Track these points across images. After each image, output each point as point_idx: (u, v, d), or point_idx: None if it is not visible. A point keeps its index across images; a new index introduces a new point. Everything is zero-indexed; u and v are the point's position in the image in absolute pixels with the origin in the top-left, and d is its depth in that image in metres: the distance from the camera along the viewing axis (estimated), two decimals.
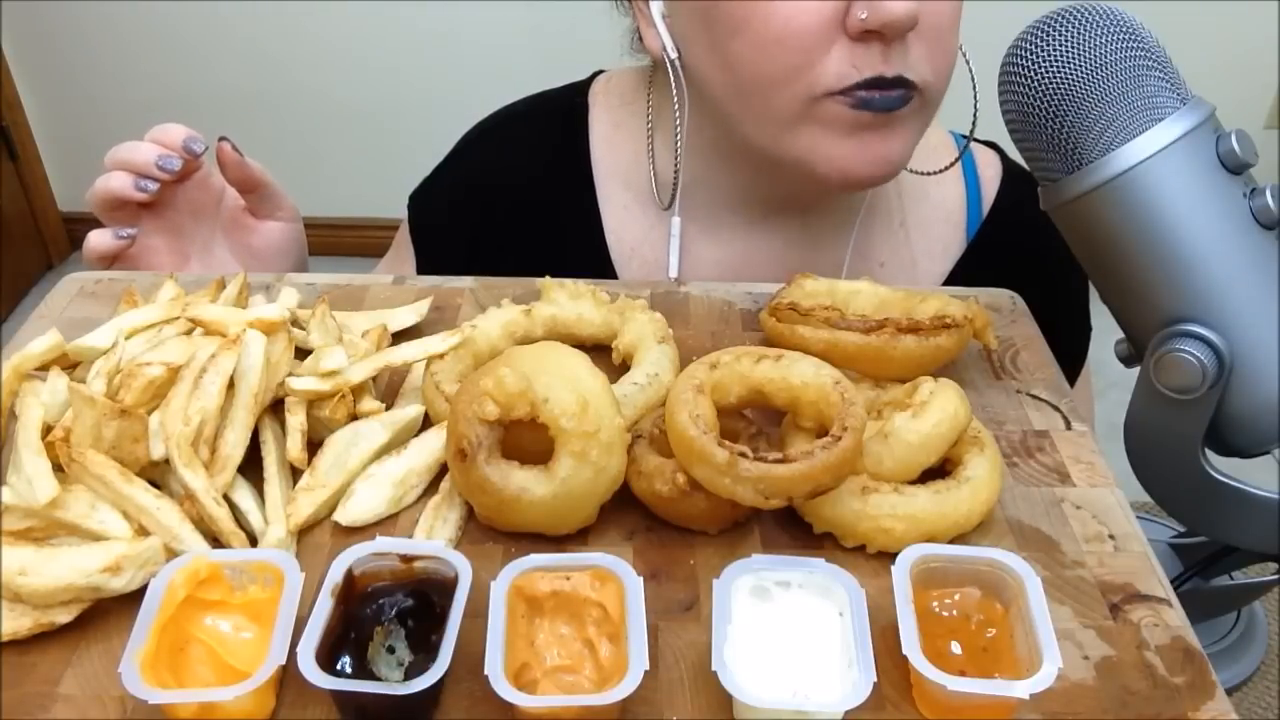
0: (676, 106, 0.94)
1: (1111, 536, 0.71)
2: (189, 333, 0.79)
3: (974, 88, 0.92)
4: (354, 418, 0.75)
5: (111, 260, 0.98)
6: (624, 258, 1.06)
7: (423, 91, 3.27)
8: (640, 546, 0.69)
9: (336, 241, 3.01)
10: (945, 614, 0.62)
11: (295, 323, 0.81)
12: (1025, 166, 0.77)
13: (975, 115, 0.94)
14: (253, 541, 0.68)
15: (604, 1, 1.02)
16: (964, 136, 1.04)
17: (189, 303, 0.82)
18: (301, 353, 0.78)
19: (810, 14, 0.82)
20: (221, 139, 0.96)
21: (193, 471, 0.67)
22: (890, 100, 0.85)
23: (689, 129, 0.97)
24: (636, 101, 1.06)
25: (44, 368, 0.75)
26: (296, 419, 0.73)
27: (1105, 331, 0.87)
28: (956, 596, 0.62)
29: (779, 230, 1.04)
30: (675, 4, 0.91)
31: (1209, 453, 0.73)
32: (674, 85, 0.93)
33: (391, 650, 0.60)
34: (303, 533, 0.70)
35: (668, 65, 0.92)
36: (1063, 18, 0.70)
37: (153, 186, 0.94)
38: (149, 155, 0.94)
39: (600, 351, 0.83)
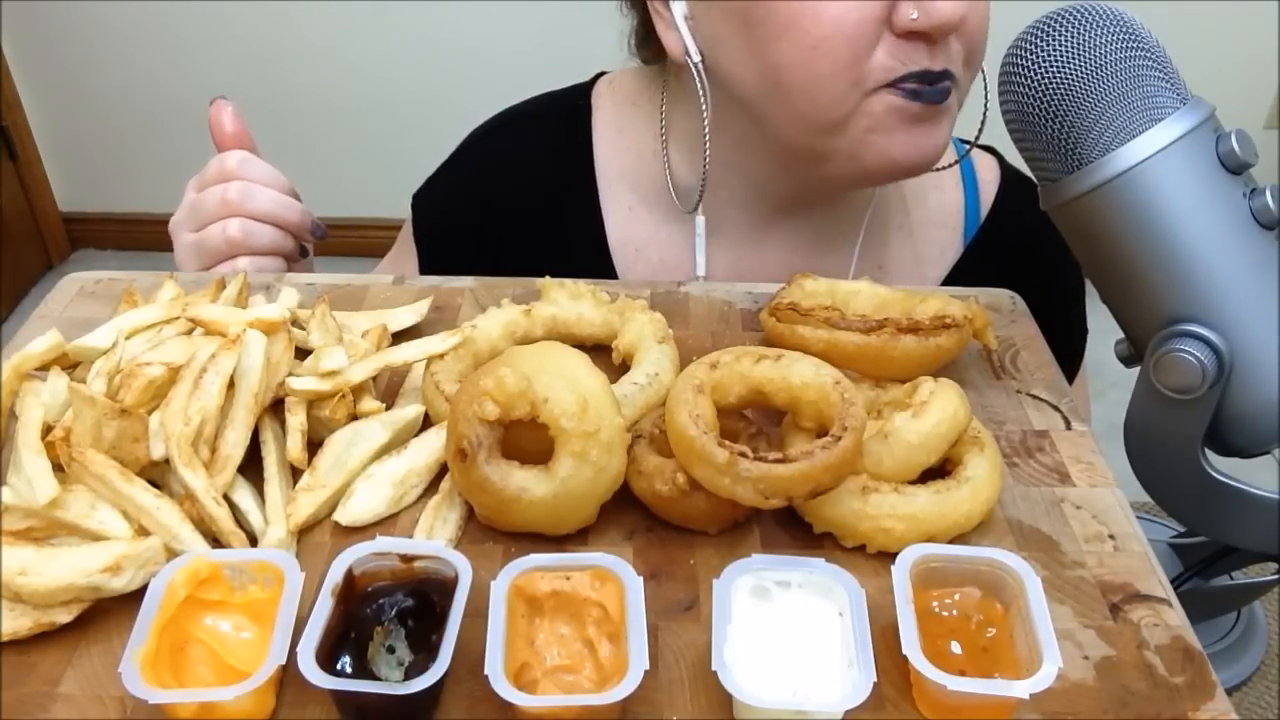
0: (705, 109, 0.92)
1: (1111, 536, 0.71)
2: (189, 333, 0.79)
3: (985, 93, 0.91)
4: (354, 418, 0.75)
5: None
6: (628, 259, 1.06)
7: (424, 92, 3.27)
8: (640, 546, 0.69)
9: (337, 241, 3.01)
10: (945, 614, 0.62)
11: (295, 323, 0.81)
12: (1023, 171, 0.77)
13: (984, 119, 0.94)
14: (253, 541, 0.68)
15: (607, 2, 1.02)
16: (964, 141, 1.04)
17: (189, 303, 0.82)
18: (301, 353, 0.78)
19: (859, 12, 0.82)
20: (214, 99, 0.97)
21: (193, 471, 0.67)
22: (938, 93, 0.86)
23: (700, 129, 0.96)
24: (642, 103, 1.06)
25: (44, 368, 0.75)
26: (296, 419, 0.73)
27: (1105, 331, 0.87)
28: (956, 596, 0.62)
29: (785, 232, 1.04)
30: (702, 6, 0.90)
31: (1209, 453, 0.73)
32: (700, 88, 0.92)
33: (391, 650, 0.60)
34: (303, 533, 0.70)
35: (692, 68, 0.92)
36: (1063, 18, 0.70)
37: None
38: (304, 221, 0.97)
39: (600, 351, 0.83)
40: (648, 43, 1.01)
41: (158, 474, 0.70)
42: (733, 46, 0.89)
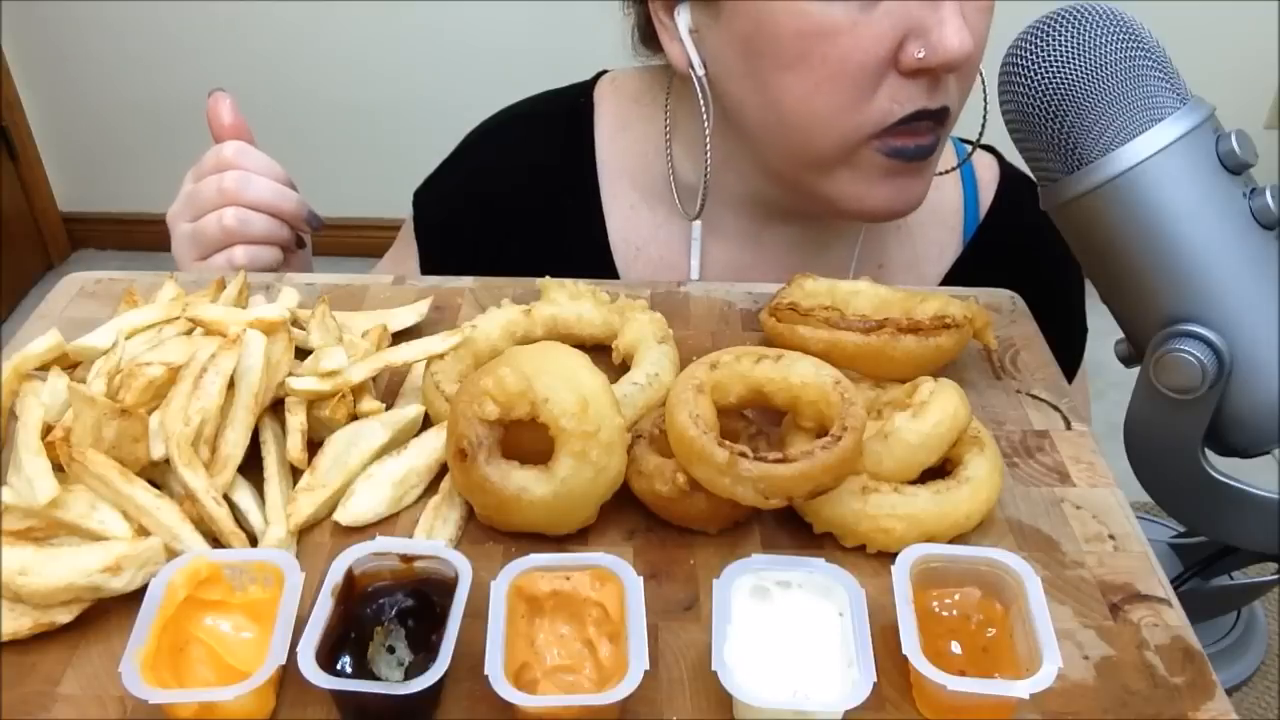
0: (706, 121, 0.92)
1: (1111, 536, 0.71)
2: (189, 333, 0.79)
3: (985, 98, 0.91)
4: (354, 418, 0.75)
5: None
6: (629, 257, 1.06)
7: (423, 92, 3.27)
8: (640, 546, 0.69)
9: (336, 241, 3.01)
10: (945, 614, 0.62)
11: (295, 323, 0.81)
12: (1023, 170, 0.77)
13: (984, 120, 0.94)
14: (253, 541, 0.68)
15: (608, 1, 1.02)
16: (965, 141, 1.04)
17: (189, 303, 0.82)
18: (301, 353, 0.78)
19: (867, 52, 0.82)
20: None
21: (193, 471, 0.67)
22: (924, 149, 0.87)
23: (703, 134, 0.96)
24: (645, 102, 1.06)
25: (44, 368, 0.75)
26: (296, 419, 0.73)
27: (1105, 332, 0.87)
28: (956, 596, 0.62)
29: (785, 233, 1.04)
30: (708, 22, 0.89)
31: (1209, 453, 0.73)
32: (701, 100, 0.91)
33: (391, 650, 0.60)
34: (303, 533, 0.70)
35: (694, 81, 0.91)
36: (1063, 18, 0.70)
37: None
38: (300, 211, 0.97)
39: (600, 351, 0.83)
40: (650, 42, 1.01)
41: (158, 474, 0.70)
42: (736, 69, 0.89)
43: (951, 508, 0.68)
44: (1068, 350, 1.03)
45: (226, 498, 0.68)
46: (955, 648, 0.61)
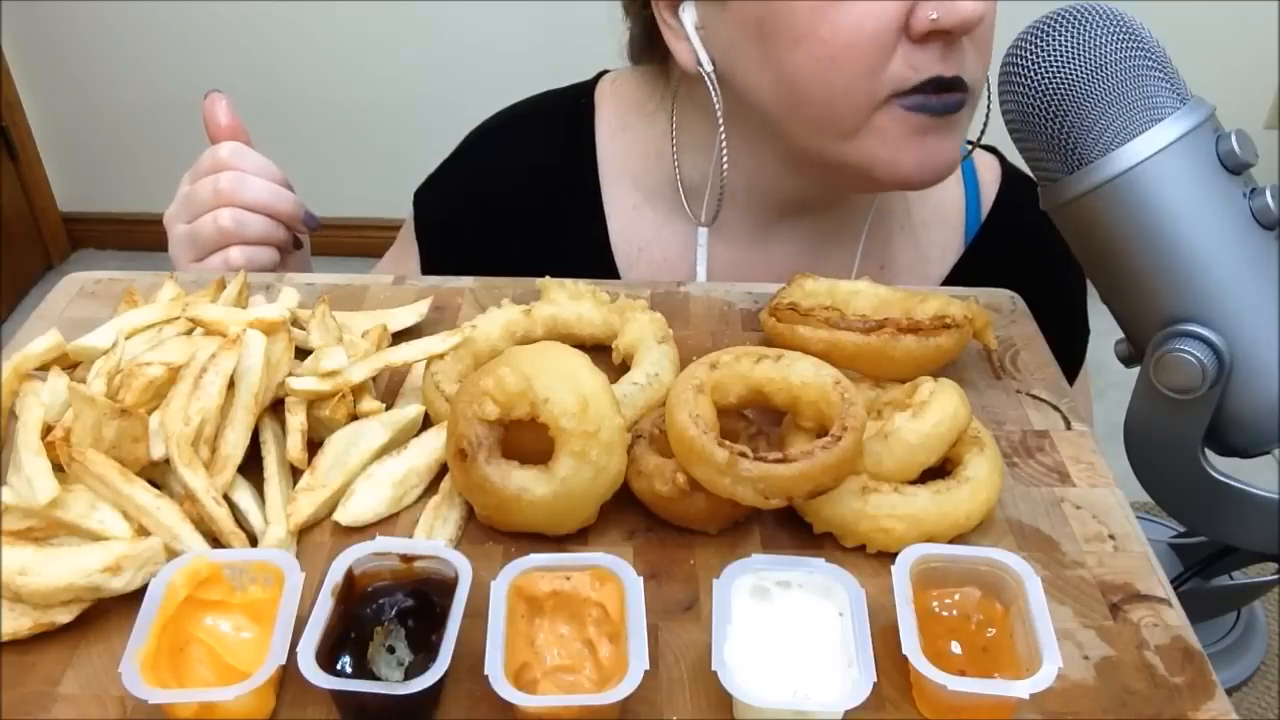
0: (719, 119, 0.92)
1: (1111, 536, 0.71)
2: (189, 333, 0.79)
3: (988, 95, 0.91)
4: (354, 418, 0.75)
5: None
6: (630, 257, 1.06)
7: (424, 92, 3.27)
8: (640, 546, 0.69)
9: (336, 241, 3.01)
10: (945, 614, 0.62)
11: (295, 323, 0.81)
12: (1024, 170, 0.77)
13: (986, 121, 0.94)
14: (253, 541, 0.68)
15: (607, 1, 1.02)
16: (967, 142, 1.04)
17: (189, 303, 0.82)
18: (301, 353, 0.78)
19: (877, 20, 0.82)
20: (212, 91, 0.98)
21: (193, 471, 0.67)
22: (948, 103, 0.86)
23: (711, 135, 0.96)
24: (647, 104, 1.05)
25: (44, 368, 0.75)
26: (296, 419, 0.73)
27: (1105, 332, 0.87)
28: (956, 596, 0.62)
29: (789, 232, 1.04)
30: (715, 15, 0.89)
31: (1209, 453, 0.73)
32: (715, 98, 0.91)
33: (391, 650, 0.60)
34: (303, 533, 0.70)
35: (705, 78, 0.91)
36: (1063, 18, 0.70)
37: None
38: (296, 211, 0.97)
39: (600, 351, 0.83)
40: (650, 51, 1.01)
41: (158, 474, 0.70)
42: (746, 56, 0.88)
43: (951, 508, 0.68)
44: (1069, 351, 1.03)
45: (226, 498, 0.68)
46: (955, 648, 0.61)
